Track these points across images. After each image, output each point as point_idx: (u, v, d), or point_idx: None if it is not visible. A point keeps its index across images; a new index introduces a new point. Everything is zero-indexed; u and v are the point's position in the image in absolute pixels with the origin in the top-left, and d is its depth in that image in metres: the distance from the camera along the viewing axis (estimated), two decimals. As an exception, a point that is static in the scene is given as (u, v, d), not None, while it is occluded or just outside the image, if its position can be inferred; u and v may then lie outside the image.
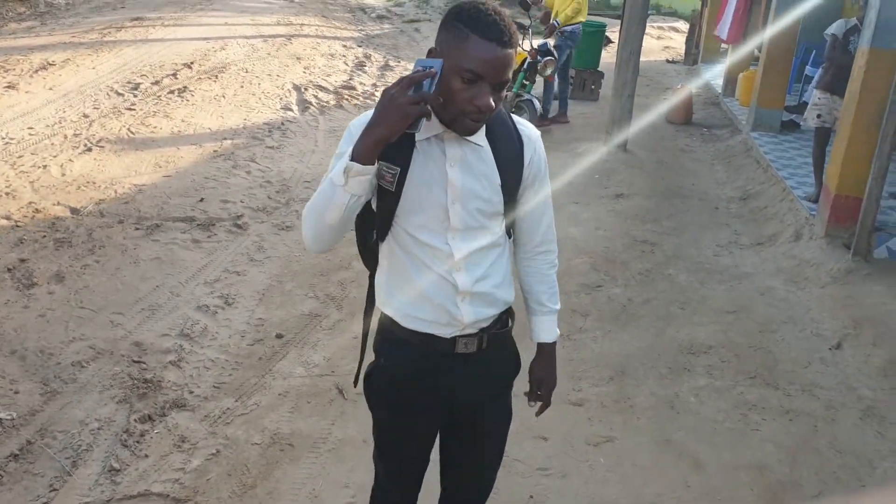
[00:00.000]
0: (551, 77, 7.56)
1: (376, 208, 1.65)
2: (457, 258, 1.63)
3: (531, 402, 1.95)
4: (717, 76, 10.10)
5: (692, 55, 11.83)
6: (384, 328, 1.76)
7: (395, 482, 1.92)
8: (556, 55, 7.28)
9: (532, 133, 1.72)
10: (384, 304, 1.74)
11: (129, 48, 9.04)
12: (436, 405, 1.78)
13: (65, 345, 3.51)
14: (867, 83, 4.60)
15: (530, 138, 1.71)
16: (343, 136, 1.61)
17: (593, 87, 9.37)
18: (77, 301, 3.88)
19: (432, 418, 1.83)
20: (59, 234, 4.55)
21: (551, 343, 1.90)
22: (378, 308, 1.78)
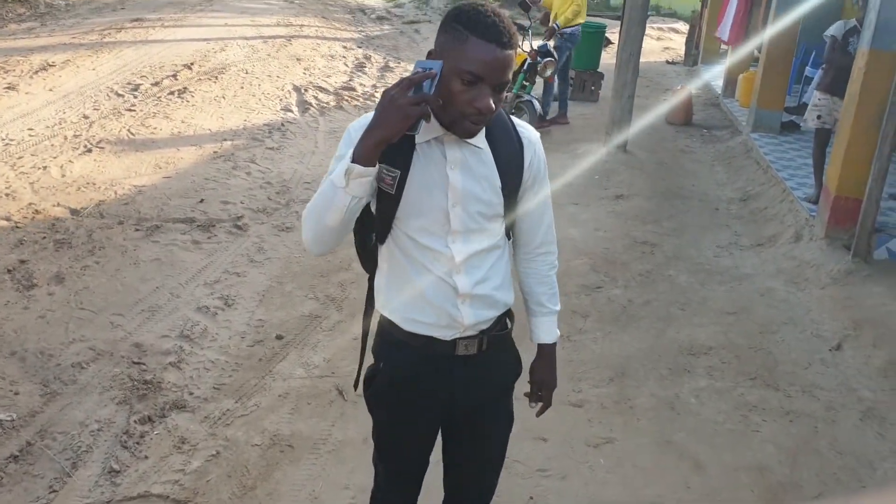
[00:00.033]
0: (551, 78, 7.56)
1: (376, 211, 1.65)
2: (457, 261, 1.63)
3: (532, 404, 1.95)
4: (716, 77, 10.11)
5: (692, 56, 11.84)
6: (384, 331, 1.76)
7: (395, 484, 1.92)
8: (556, 56, 7.29)
9: (532, 135, 1.72)
10: (384, 306, 1.74)
11: (129, 49, 9.04)
12: (436, 407, 1.78)
13: (65, 346, 3.51)
14: (867, 84, 4.60)
15: (530, 140, 1.71)
16: (342, 139, 1.61)
17: (593, 89, 9.38)
18: (77, 302, 3.88)
19: (432, 420, 1.82)
20: (59, 235, 4.55)
21: (551, 344, 1.91)
22: (377, 311, 1.78)
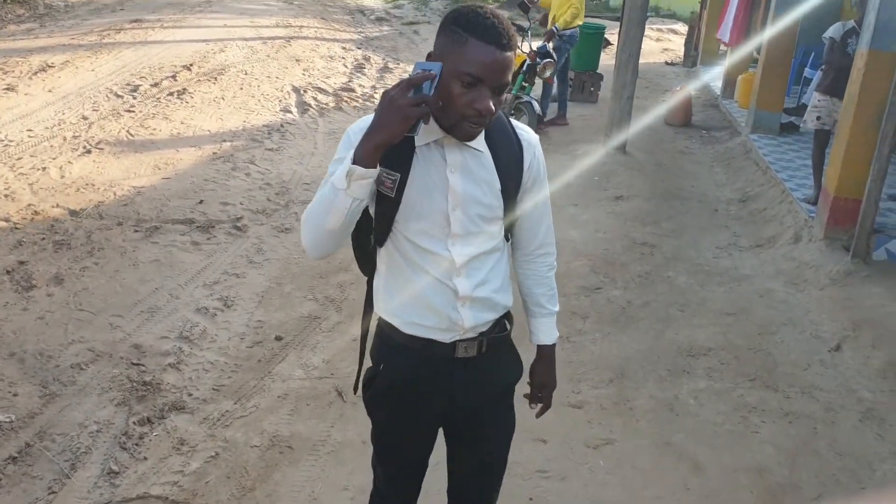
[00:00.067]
0: (550, 79, 7.57)
1: (375, 214, 1.64)
2: (458, 264, 1.63)
3: (532, 405, 1.94)
4: (715, 78, 10.12)
5: (691, 57, 11.84)
6: (383, 334, 1.76)
7: (394, 487, 1.92)
8: (556, 57, 7.29)
9: (531, 138, 1.72)
10: (383, 309, 1.73)
11: (129, 50, 9.04)
12: (435, 410, 1.77)
13: (64, 347, 3.51)
14: (866, 85, 4.60)
15: (530, 143, 1.71)
16: (341, 142, 1.61)
17: (592, 90, 9.38)
18: (76, 303, 3.88)
19: (431, 423, 1.82)
20: (58, 236, 4.55)
21: (551, 345, 1.90)
22: (376, 313, 1.77)
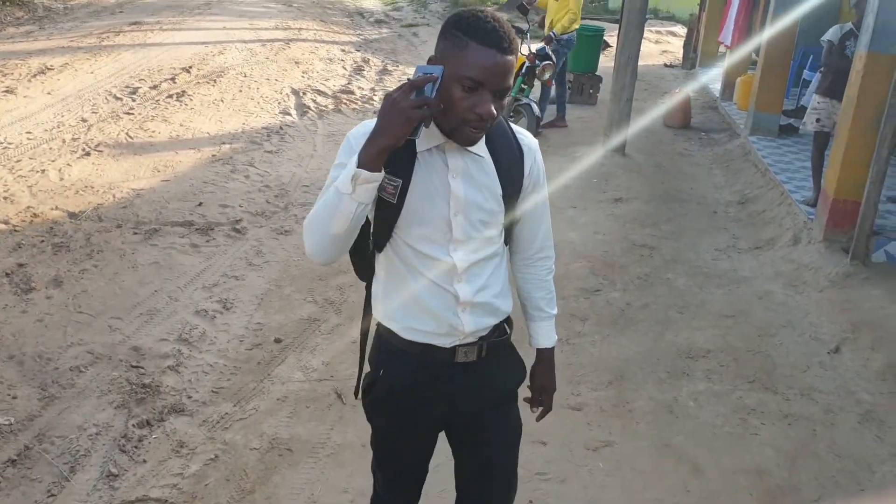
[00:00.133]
0: (549, 81, 7.57)
1: (375, 219, 1.63)
2: (459, 269, 1.62)
3: (533, 409, 1.94)
4: (714, 80, 10.14)
5: (690, 59, 11.86)
6: (381, 339, 1.75)
7: (394, 492, 1.91)
8: (555, 59, 7.30)
9: (531, 142, 1.72)
10: (381, 314, 1.72)
11: (128, 52, 9.04)
12: (435, 415, 1.77)
13: (63, 350, 3.51)
14: (865, 87, 4.61)
15: (530, 147, 1.71)
16: (341, 147, 1.60)
17: (591, 92, 9.39)
18: (75, 306, 3.87)
19: (431, 428, 1.82)
20: (58, 238, 4.55)
21: (550, 348, 1.90)
22: (374, 318, 1.76)
